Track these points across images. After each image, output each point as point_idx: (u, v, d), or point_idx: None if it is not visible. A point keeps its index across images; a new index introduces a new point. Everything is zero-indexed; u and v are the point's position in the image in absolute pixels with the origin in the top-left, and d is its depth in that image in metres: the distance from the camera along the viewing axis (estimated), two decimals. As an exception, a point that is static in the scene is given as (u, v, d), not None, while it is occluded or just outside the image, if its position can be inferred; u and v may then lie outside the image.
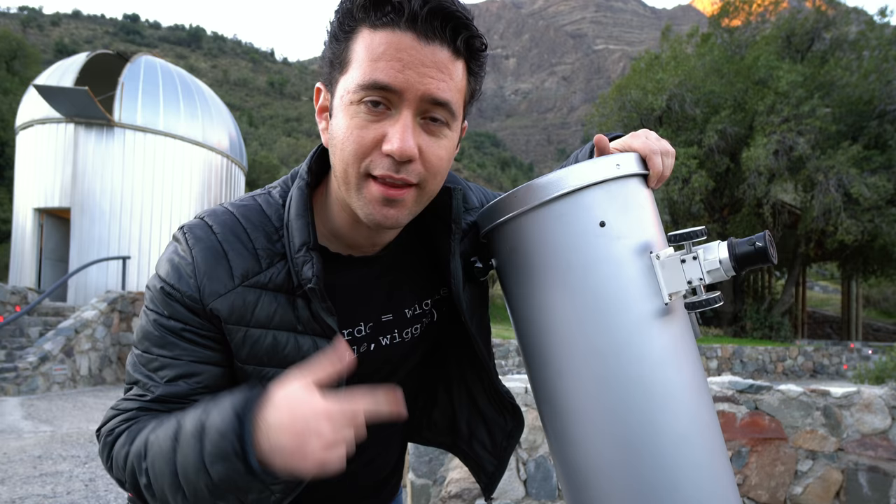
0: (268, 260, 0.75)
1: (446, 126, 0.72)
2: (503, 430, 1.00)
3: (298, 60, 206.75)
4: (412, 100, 0.67)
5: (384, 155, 0.68)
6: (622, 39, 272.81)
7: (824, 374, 15.93)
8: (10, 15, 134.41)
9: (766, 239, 0.70)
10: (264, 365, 0.76)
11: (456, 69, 0.70)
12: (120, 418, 0.75)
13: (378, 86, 0.66)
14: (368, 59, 0.67)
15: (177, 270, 0.74)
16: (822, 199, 16.71)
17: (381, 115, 0.68)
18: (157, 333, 0.74)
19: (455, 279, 0.83)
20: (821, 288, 37.95)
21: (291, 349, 0.76)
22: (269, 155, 40.16)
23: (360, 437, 0.63)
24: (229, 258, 0.74)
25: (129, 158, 13.27)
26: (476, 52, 0.72)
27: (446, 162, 0.74)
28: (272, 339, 0.75)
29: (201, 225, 0.76)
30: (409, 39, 0.66)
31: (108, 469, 0.74)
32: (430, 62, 0.67)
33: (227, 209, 0.78)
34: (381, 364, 0.89)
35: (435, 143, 0.71)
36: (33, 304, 9.80)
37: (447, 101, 0.69)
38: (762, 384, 3.00)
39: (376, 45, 0.66)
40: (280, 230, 0.77)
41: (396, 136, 0.67)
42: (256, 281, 0.74)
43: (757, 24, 22.21)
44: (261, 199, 0.81)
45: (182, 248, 0.75)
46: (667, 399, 0.71)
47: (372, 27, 0.67)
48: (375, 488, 1.00)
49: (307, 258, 0.73)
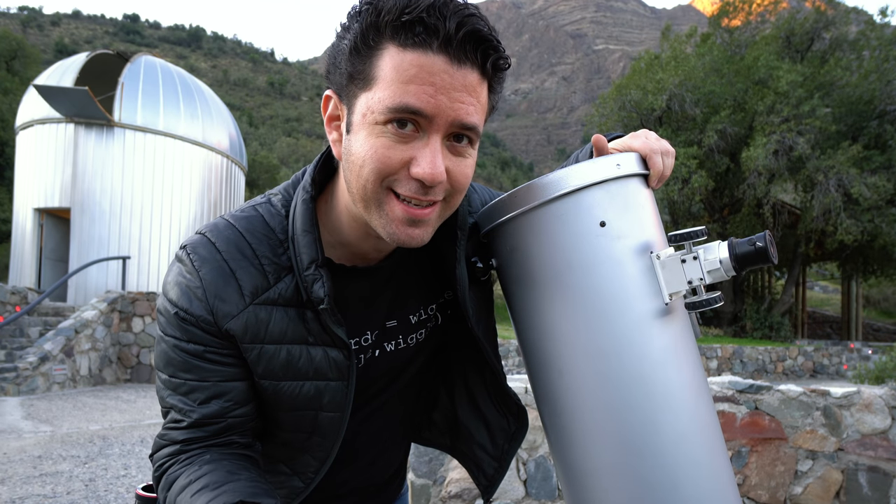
0: (275, 275, 0.75)
1: (470, 145, 0.71)
2: (505, 433, 1.00)
3: (298, 60, 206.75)
4: (442, 125, 0.66)
5: (411, 178, 0.67)
6: (622, 39, 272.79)
7: (824, 374, 15.93)
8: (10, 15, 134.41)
9: (766, 239, 0.70)
10: (280, 379, 0.77)
11: (483, 91, 0.69)
12: (166, 452, 0.77)
13: (409, 110, 0.64)
14: (398, 81, 0.64)
15: (186, 294, 0.73)
16: (822, 199, 16.72)
17: (408, 137, 0.66)
18: (179, 358, 0.75)
19: (461, 286, 0.83)
20: (821, 288, 37.95)
21: (304, 361, 0.77)
22: (269, 155, 40.15)
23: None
24: (237, 277, 0.73)
25: (129, 158, 13.28)
26: (500, 71, 0.71)
27: (469, 179, 0.74)
28: (286, 353, 0.76)
29: (204, 243, 0.75)
30: (441, 63, 0.64)
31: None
32: (461, 86, 0.65)
33: (228, 223, 0.77)
34: (385, 370, 0.89)
35: (461, 163, 0.70)
36: (33, 304, 9.80)
37: (475, 125, 0.69)
38: (762, 384, 3.00)
39: (406, 66, 0.64)
40: (285, 242, 0.76)
41: (427, 161, 0.66)
42: (266, 297, 0.74)
43: (757, 24, 22.23)
44: (262, 209, 0.79)
45: (188, 269, 0.74)
46: (667, 399, 0.71)
47: (401, 46, 0.64)
48: (378, 489, 1.00)
49: (317, 276, 0.73)
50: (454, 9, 0.63)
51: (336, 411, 0.80)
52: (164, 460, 0.76)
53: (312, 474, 0.85)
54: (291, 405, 0.79)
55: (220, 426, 0.76)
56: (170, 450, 0.77)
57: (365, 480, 0.96)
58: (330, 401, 0.79)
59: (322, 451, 0.84)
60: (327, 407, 0.80)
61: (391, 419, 0.95)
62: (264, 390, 0.78)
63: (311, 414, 0.80)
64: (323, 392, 0.79)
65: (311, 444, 0.83)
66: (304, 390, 0.78)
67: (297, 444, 0.84)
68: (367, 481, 0.97)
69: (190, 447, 0.76)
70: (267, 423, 0.85)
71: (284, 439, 0.85)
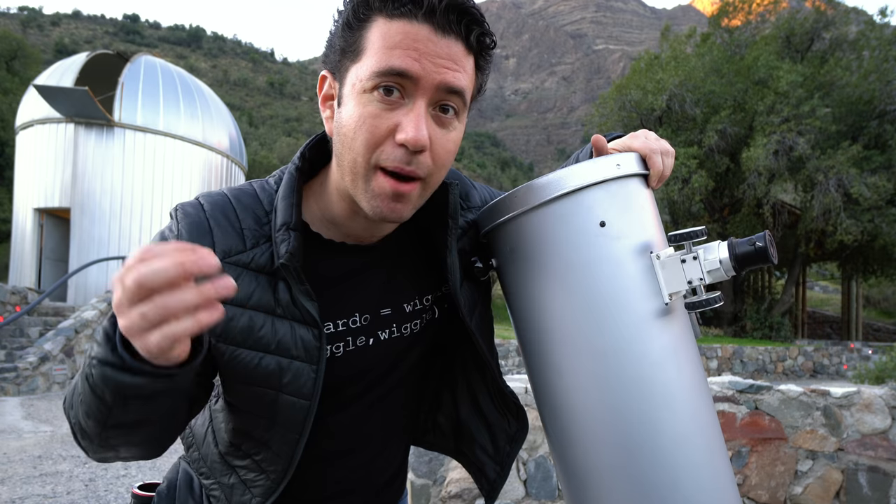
0: (253, 240, 0.76)
1: (456, 117, 0.73)
2: (506, 434, 0.99)
3: (298, 60, 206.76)
4: (428, 88, 0.68)
5: (397, 145, 0.69)
6: (622, 39, 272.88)
7: (824, 374, 15.93)
8: (10, 15, 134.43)
9: (766, 239, 0.70)
10: (238, 345, 0.75)
11: (468, 63, 0.72)
12: None
13: (394, 72, 0.67)
14: (384, 47, 0.67)
15: (162, 241, 0.75)
16: (822, 199, 16.72)
17: (394, 105, 0.69)
18: None
19: (452, 275, 0.83)
20: (821, 288, 37.95)
21: (267, 332, 0.75)
22: (269, 155, 40.15)
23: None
24: (213, 234, 0.75)
25: (129, 158, 13.29)
26: (486, 48, 0.73)
27: (452, 155, 0.75)
28: (248, 319, 0.74)
29: (193, 203, 0.78)
30: (425, 31, 0.67)
31: (71, 426, 0.76)
32: (446, 54, 0.68)
33: (222, 191, 0.80)
34: (381, 359, 0.88)
35: (444, 136, 0.72)
36: (33, 304, 9.80)
37: (462, 88, 0.71)
38: (762, 384, 3.00)
39: (393, 33, 0.67)
40: (270, 214, 0.78)
41: (411, 125, 0.68)
42: (238, 259, 0.75)
43: (756, 24, 22.23)
44: (256, 184, 0.83)
45: (172, 223, 0.77)
46: (667, 399, 0.71)
47: (388, 16, 0.68)
48: (377, 491, 0.99)
49: (285, 237, 0.73)
50: None
51: (300, 397, 0.77)
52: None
53: (280, 474, 0.81)
54: (249, 377, 0.76)
55: None
56: None
57: (362, 480, 0.95)
58: (292, 382, 0.76)
59: (286, 445, 0.79)
60: (288, 388, 0.76)
61: (389, 414, 0.94)
62: (221, 355, 0.75)
63: (272, 394, 0.77)
64: (285, 370, 0.76)
65: (274, 436, 0.80)
66: (264, 363, 0.75)
67: (259, 432, 0.81)
68: (365, 481, 0.95)
69: None
70: (228, 399, 0.83)
71: (245, 424, 0.82)
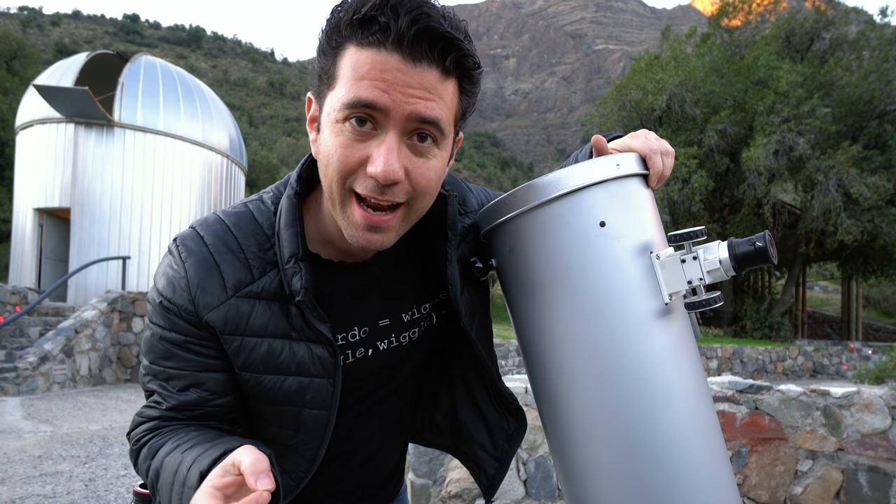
0: (260, 269, 0.76)
1: (435, 145, 0.70)
2: (505, 433, 1.00)
3: (298, 60, 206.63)
4: (398, 119, 0.66)
5: (368, 176, 0.68)
6: (622, 39, 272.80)
7: (824, 374, 15.93)
8: (10, 15, 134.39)
9: (766, 239, 0.70)
10: (261, 372, 0.78)
11: (445, 89, 0.68)
12: (144, 427, 0.79)
13: (362, 103, 0.65)
14: (353, 78, 0.65)
15: (171, 284, 0.75)
16: (822, 199, 16.71)
17: (366, 136, 0.67)
18: (161, 346, 0.77)
19: (453, 285, 0.84)
20: (821, 288, 37.93)
21: (286, 356, 0.77)
22: (269, 155, 40.13)
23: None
24: (221, 270, 0.75)
25: (129, 158, 13.27)
26: (468, 70, 0.70)
27: (436, 182, 0.73)
28: (267, 347, 0.77)
29: (193, 236, 0.77)
30: (394, 61, 0.64)
31: (136, 472, 0.79)
32: (417, 83, 0.65)
33: (218, 218, 0.79)
34: (379, 369, 0.89)
35: (423, 164, 0.70)
36: (33, 304, 9.80)
37: (436, 118, 0.67)
38: (762, 384, 3.00)
39: (362, 63, 0.65)
40: (272, 238, 0.78)
41: (381, 159, 0.66)
42: (249, 291, 0.75)
43: (756, 24, 22.20)
44: (252, 206, 0.81)
45: (175, 260, 0.76)
46: (667, 399, 0.71)
47: (358, 45, 0.65)
48: (376, 487, 1.00)
49: (296, 269, 0.73)
50: (410, 6, 0.63)
51: (321, 409, 0.81)
52: (143, 434, 0.78)
53: (302, 473, 0.86)
54: (273, 399, 0.80)
55: (198, 413, 0.78)
56: (149, 425, 0.78)
57: (362, 478, 0.97)
58: (314, 398, 0.80)
59: (309, 450, 0.84)
60: (310, 404, 0.80)
61: (388, 417, 0.96)
62: (245, 382, 0.79)
63: (295, 410, 0.81)
64: (306, 388, 0.79)
65: (298, 442, 0.84)
66: (287, 385, 0.79)
67: (283, 440, 0.84)
68: (365, 479, 0.97)
69: (170, 423, 0.78)
70: (252, 417, 0.85)
71: (270, 435, 0.85)
